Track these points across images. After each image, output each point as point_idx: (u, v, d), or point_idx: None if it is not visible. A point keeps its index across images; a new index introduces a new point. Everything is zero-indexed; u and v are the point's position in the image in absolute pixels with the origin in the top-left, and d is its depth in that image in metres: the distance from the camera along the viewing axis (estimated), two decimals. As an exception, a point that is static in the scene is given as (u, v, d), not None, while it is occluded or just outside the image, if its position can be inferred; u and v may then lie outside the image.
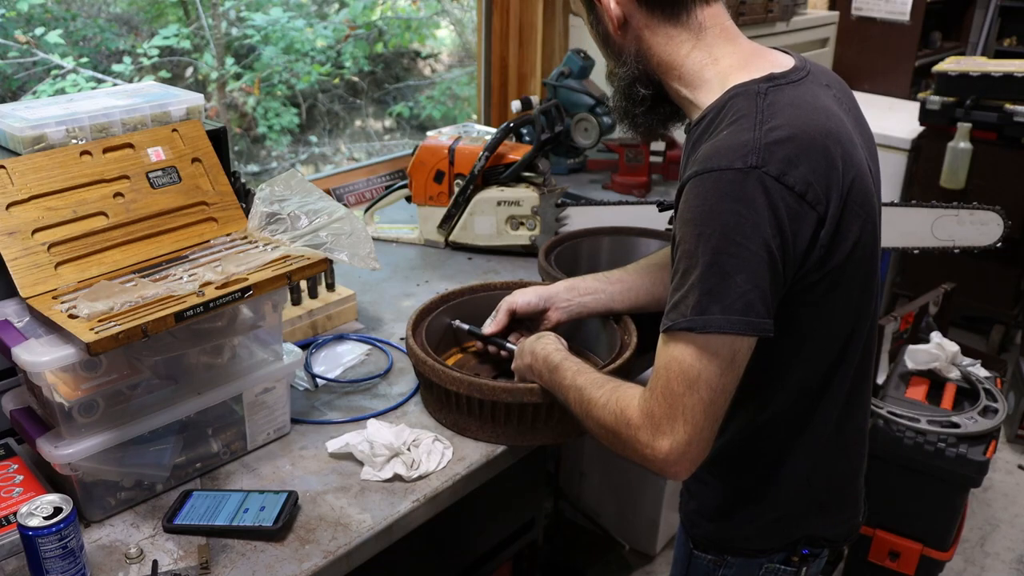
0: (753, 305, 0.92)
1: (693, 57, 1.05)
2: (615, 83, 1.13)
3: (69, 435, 1.06)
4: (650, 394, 0.98)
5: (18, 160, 1.16)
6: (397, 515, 1.13)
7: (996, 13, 5.48)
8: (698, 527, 1.23)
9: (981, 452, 1.97)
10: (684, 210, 0.95)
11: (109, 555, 1.05)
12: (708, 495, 1.20)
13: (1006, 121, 3.10)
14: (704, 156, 0.95)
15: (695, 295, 0.93)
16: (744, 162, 0.91)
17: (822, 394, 1.10)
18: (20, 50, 2.50)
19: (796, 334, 1.03)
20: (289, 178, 1.30)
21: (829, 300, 1.02)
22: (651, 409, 0.97)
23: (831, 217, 0.95)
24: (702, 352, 0.93)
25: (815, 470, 1.15)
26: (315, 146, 3.61)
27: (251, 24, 3.14)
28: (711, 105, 1.02)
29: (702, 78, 1.04)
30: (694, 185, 0.94)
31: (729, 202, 0.91)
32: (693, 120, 1.06)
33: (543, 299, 1.40)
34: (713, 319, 0.92)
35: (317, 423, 1.33)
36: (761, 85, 0.99)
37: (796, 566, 1.20)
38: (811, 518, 1.18)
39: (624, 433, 1.00)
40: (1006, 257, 3.03)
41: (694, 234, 0.93)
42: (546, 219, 1.92)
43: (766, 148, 0.92)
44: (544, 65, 2.67)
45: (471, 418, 1.27)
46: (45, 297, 1.09)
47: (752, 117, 0.95)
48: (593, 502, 2.57)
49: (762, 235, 0.91)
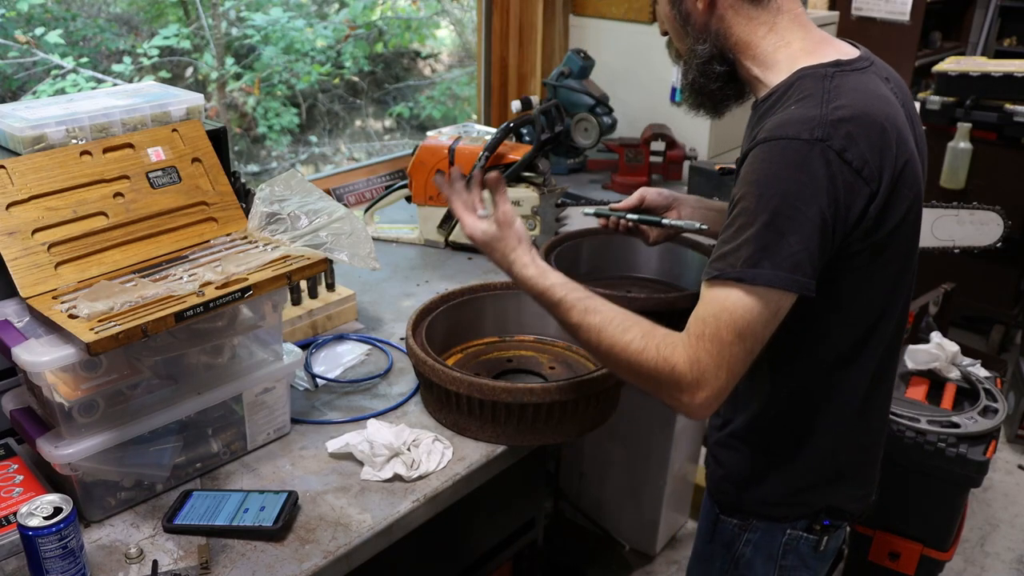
0: (801, 265, 0.98)
1: (768, 39, 1.12)
2: (692, 60, 1.19)
3: (69, 435, 1.06)
4: (696, 342, 1.01)
5: (18, 160, 1.16)
6: (397, 515, 1.13)
7: (996, 13, 5.48)
8: (725, 493, 1.28)
9: (981, 452, 1.97)
10: (749, 171, 1.02)
11: (109, 555, 1.05)
12: (737, 463, 1.26)
13: (1006, 121, 3.10)
14: (772, 126, 1.02)
15: (749, 249, 0.99)
16: (810, 134, 0.98)
17: (853, 364, 1.15)
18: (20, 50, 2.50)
19: (835, 299, 1.08)
20: (289, 178, 1.30)
21: (868, 271, 1.08)
22: (699, 357, 1.00)
23: (882, 193, 1.02)
24: (753, 304, 0.99)
25: (840, 441, 1.21)
26: (315, 146, 3.61)
27: (251, 24, 3.14)
28: (779, 84, 1.10)
29: (774, 59, 1.12)
30: (761, 150, 1.01)
31: (793, 169, 0.98)
32: (759, 97, 1.14)
33: (672, 198, 1.52)
34: (763, 273, 0.98)
35: (317, 423, 1.33)
36: (828, 69, 1.07)
37: (818, 535, 1.25)
38: (833, 489, 1.24)
39: (667, 379, 1.02)
40: (1006, 257, 3.04)
41: (756, 193, 1.00)
42: (546, 219, 1.92)
43: (831, 124, 0.99)
44: (544, 65, 2.67)
45: (471, 418, 1.27)
46: (45, 297, 1.09)
47: (819, 96, 1.03)
48: (593, 502, 2.57)
49: (818, 203, 0.98)
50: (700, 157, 2.56)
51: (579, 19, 2.76)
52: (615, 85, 2.61)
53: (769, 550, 1.27)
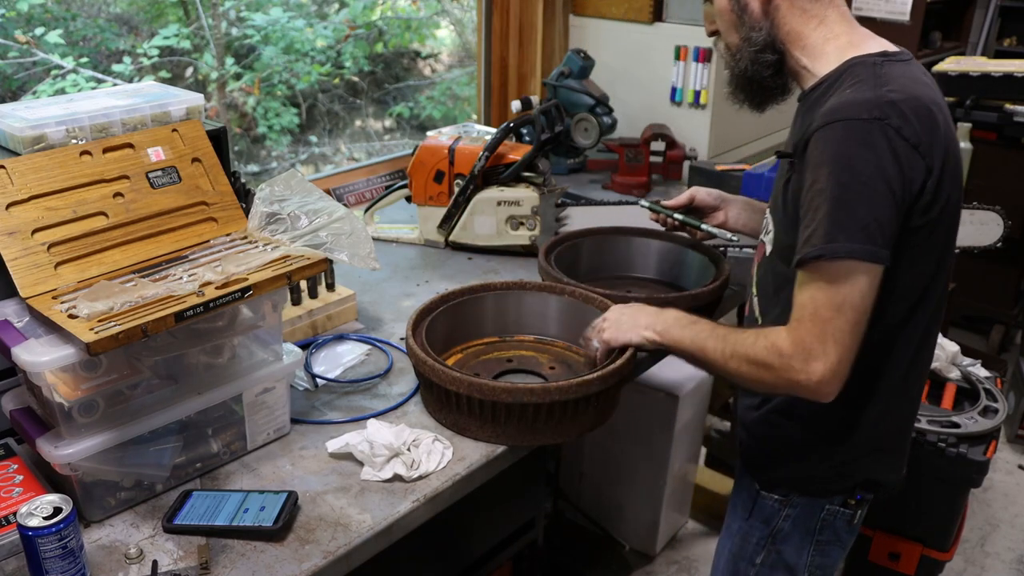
0: (873, 236, 1.05)
1: (819, 31, 1.21)
2: (746, 49, 1.25)
3: (69, 435, 1.06)
4: (797, 324, 1.09)
5: (18, 160, 1.16)
6: (397, 515, 1.13)
7: (996, 13, 5.47)
8: (766, 470, 1.33)
9: (981, 452, 1.97)
10: (814, 155, 1.10)
11: (109, 555, 1.05)
12: (781, 439, 1.30)
13: (1006, 121, 3.10)
14: (830, 110, 1.10)
15: (824, 227, 1.06)
16: (869, 114, 1.06)
17: (903, 334, 1.21)
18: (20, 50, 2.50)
19: (892, 272, 1.12)
20: (289, 178, 1.30)
21: (922, 246, 1.15)
22: (801, 337, 1.08)
23: (936, 170, 1.10)
24: (840, 278, 1.06)
25: (884, 412, 1.25)
26: (315, 146, 3.60)
27: (251, 24, 3.14)
28: (829, 73, 1.19)
29: (823, 50, 1.21)
30: (824, 133, 1.09)
31: (856, 147, 1.06)
32: (807, 87, 1.23)
33: (721, 198, 1.62)
34: (840, 246, 1.05)
35: (317, 423, 1.33)
36: (877, 58, 1.16)
37: (853, 509, 1.31)
38: (873, 461, 1.28)
39: (777, 363, 1.10)
40: (1006, 257, 3.04)
41: (825, 173, 1.07)
42: (546, 219, 1.92)
43: (887, 104, 1.07)
44: (544, 65, 2.67)
45: (471, 418, 1.27)
46: (45, 297, 1.09)
47: (871, 81, 1.11)
48: (593, 502, 2.57)
49: (884, 175, 1.05)
50: (700, 157, 2.56)
51: (579, 19, 2.76)
52: (615, 85, 2.61)
53: (808, 525, 1.32)
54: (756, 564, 1.37)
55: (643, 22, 2.63)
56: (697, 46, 2.52)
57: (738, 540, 1.39)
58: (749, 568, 1.38)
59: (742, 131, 2.75)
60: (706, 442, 2.72)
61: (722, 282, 1.61)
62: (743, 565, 1.39)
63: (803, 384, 1.09)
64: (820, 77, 1.20)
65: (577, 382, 1.24)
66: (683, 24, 2.56)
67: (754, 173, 2.11)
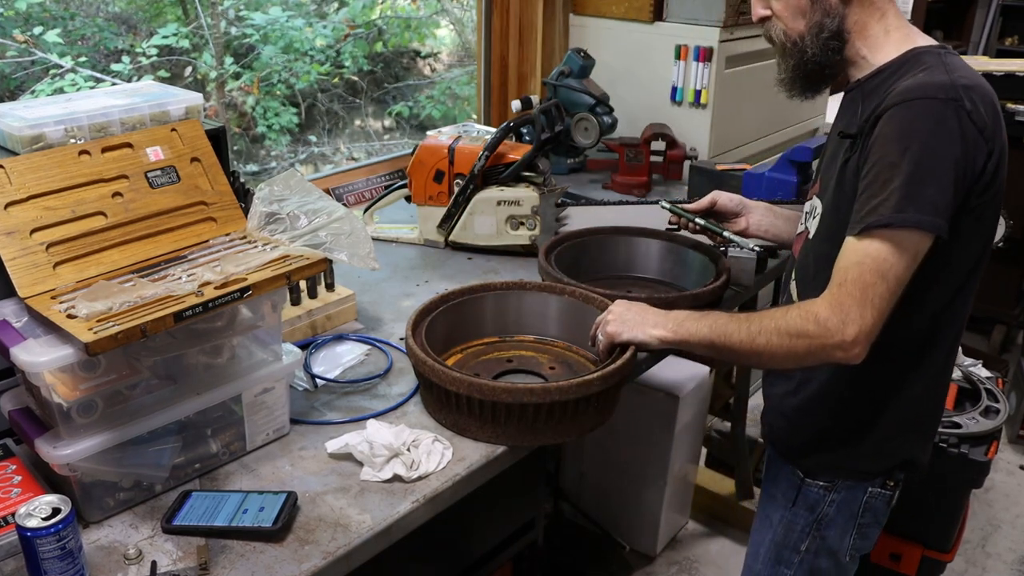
0: (940, 209, 1.11)
1: (880, 23, 1.28)
2: (817, 35, 1.28)
3: (68, 435, 1.05)
4: (839, 289, 1.13)
5: (16, 160, 1.15)
6: (397, 516, 1.13)
7: (997, 12, 5.48)
8: (810, 457, 1.37)
9: (982, 452, 1.96)
10: (886, 131, 1.14)
11: (108, 556, 1.04)
12: (825, 424, 1.34)
13: (1007, 121, 3.08)
14: (904, 90, 1.15)
15: (895, 198, 1.11)
16: (945, 95, 1.12)
17: (944, 317, 1.26)
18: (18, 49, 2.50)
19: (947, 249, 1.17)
20: (288, 178, 1.30)
21: (973, 228, 1.20)
22: (841, 301, 1.12)
23: (995, 155, 1.16)
24: (896, 246, 1.11)
25: (926, 389, 1.30)
26: (314, 146, 3.60)
27: (250, 23, 3.14)
28: (890, 62, 1.25)
29: (884, 41, 1.27)
30: (899, 110, 1.13)
31: (932, 124, 1.11)
32: (863, 76, 1.29)
33: (742, 204, 1.66)
34: (909, 216, 1.10)
35: (316, 423, 1.32)
36: (939, 49, 1.24)
37: (891, 490, 1.36)
38: (911, 439, 1.33)
39: (813, 329, 1.14)
40: (1007, 257, 3.04)
41: (898, 149, 1.12)
42: (546, 219, 1.91)
43: (961, 88, 1.13)
44: (544, 64, 2.67)
45: (471, 418, 1.27)
46: (43, 297, 1.09)
47: (941, 67, 1.18)
48: (593, 502, 2.56)
49: (954, 154, 1.11)
50: (700, 157, 2.55)
51: (579, 18, 2.76)
52: (615, 84, 2.61)
53: (851, 509, 1.35)
54: (801, 551, 1.40)
55: (643, 21, 2.62)
56: (698, 45, 2.52)
57: (781, 530, 1.41)
58: (794, 556, 1.41)
59: (743, 131, 2.75)
60: (706, 443, 2.72)
61: (723, 282, 1.60)
62: (787, 553, 1.41)
63: (838, 346, 1.12)
64: (878, 66, 1.26)
65: (577, 382, 1.23)
66: (684, 23, 2.55)
67: (754, 173, 2.11)
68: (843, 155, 1.26)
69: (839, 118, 1.35)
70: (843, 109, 1.34)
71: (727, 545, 2.60)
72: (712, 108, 2.56)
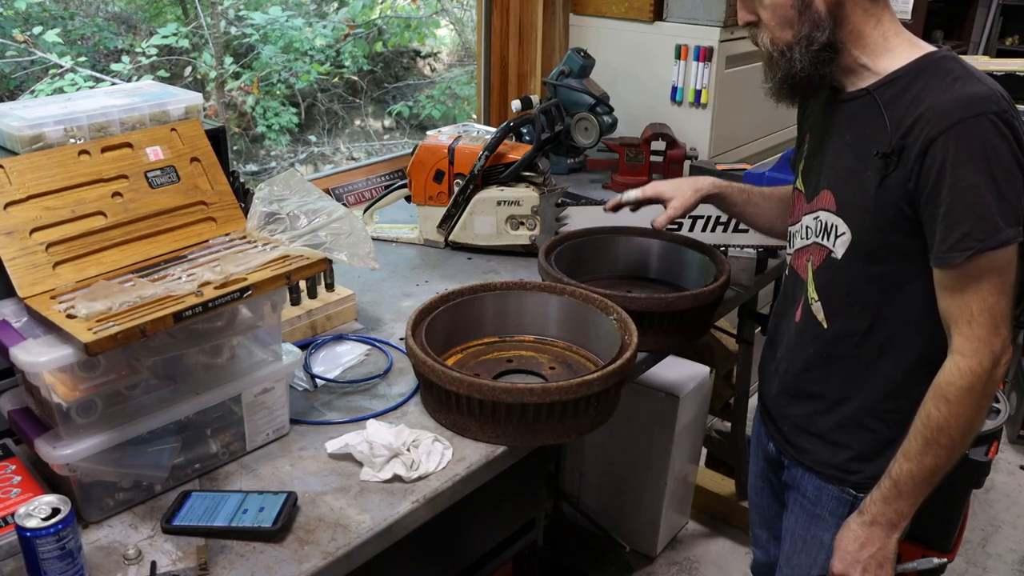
0: (1020, 217, 1.14)
1: (877, 30, 1.24)
2: (806, 47, 1.24)
3: (67, 436, 1.05)
4: (969, 328, 1.16)
5: (16, 159, 1.15)
6: (397, 516, 1.13)
7: (998, 12, 5.47)
8: (857, 472, 1.35)
9: (983, 453, 1.96)
10: (954, 155, 1.12)
11: (107, 556, 1.04)
12: (870, 439, 1.33)
13: (1007, 120, 3.10)
14: (952, 108, 1.13)
15: (987, 220, 1.12)
16: (998, 107, 1.13)
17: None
18: (18, 49, 2.50)
19: None
20: (288, 178, 1.30)
21: None
22: (979, 337, 1.15)
23: None
24: (1002, 264, 1.14)
25: None
26: (314, 145, 3.60)
27: (250, 23, 3.14)
28: (902, 68, 1.21)
29: (885, 48, 1.24)
30: (960, 132, 1.12)
31: (996, 139, 1.12)
32: (872, 84, 1.24)
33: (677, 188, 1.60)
34: (1004, 233, 1.12)
35: (316, 423, 1.32)
36: (952, 53, 1.21)
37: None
38: None
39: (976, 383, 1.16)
40: (1007, 257, 3.03)
41: (972, 170, 1.12)
42: (546, 219, 1.91)
43: (1004, 99, 1.14)
44: (544, 64, 2.67)
45: (471, 418, 1.26)
46: (43, 297, 1.09)
47: (972, 75, 1.17)
48: (593, 502, 2.56)
49: (1019, 162, 1.13)
50: (700, 157, 2.55)
51: (579, 18, 2.76)
52: (615, 84, 2.60)
53: None
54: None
55: (644, 21, 2.62)
56: (698, 45, 2.52)
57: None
58: None
59: (743, 130, 2.75)
60: (707, 443, 2.72)
61: (723, 282, 1.60)
62: None
63: (996, 369, 1.16)
64: (887, 73, 1.22)
65: (577, 382, 1.23)
66: (684, 23, 2.55)
67: (755, 172, 2.10)
68: (875, 172, 1.20)
69: (847, 127, 1.28)
70: (852, 118, 1.27)
71: (727, 545, 2.60)
72: (712, 108, 2.56)
